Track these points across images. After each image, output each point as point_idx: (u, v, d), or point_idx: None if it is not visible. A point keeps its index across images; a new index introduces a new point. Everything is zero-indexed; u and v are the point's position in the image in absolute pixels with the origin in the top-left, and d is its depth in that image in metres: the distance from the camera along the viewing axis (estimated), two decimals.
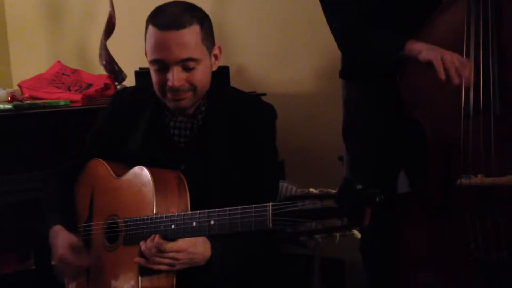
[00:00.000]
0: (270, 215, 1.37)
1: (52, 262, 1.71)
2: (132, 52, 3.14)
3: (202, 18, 1.66)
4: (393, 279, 2.02)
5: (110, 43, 2.85)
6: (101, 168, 1.78)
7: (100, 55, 2.86)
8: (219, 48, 1.73)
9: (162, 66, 1.62)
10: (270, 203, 1.38)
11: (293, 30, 2.99)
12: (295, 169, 2.79)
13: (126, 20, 3.07)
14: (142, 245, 1.55)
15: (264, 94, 2.75)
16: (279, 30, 3.02)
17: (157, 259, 1.53)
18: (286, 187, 2.02)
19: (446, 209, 1.89)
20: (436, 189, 1.91)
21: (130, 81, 2.83)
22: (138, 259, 1.55)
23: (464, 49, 1.84)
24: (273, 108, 1.77)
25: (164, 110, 1.74)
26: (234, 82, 2.74)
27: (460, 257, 1.87)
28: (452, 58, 1.77)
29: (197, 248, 1.55)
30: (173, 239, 1.54)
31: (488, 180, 1.79)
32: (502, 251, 1.82)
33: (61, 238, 1.67)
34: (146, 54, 1.70)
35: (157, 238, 1.53)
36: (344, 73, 2.22)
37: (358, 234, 1.29)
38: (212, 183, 1.68)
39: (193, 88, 1.64)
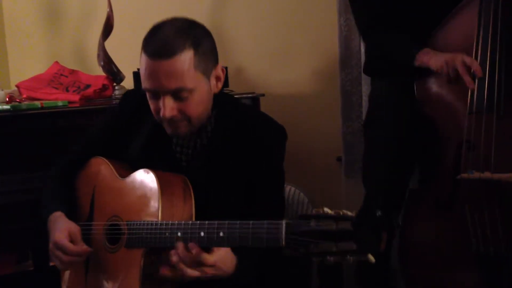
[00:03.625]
0: (283, 233, 1.34)
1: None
2: (130, 53, 3.12)
3: (197, 40, 1.55)
4: (401, 273, 2.05)
5: (108, 44, 2.85)
6: (104, 167, 1.75)
7: (98, 55, 2.85)
8: (222, 69, 1.64)
9: (154, 95, 1.58)
10: (284, 221, 1.35)
11: (292, 30, 2.99)
12: (293, 170, 2.78)
13: (124, 20, 3.06)
14: (180, 246, 1.47)
15: (263, 95, 2.75)
16: (278, 31, 3.02)
17: (192, 267, 1.47)
18: (285, 188, 2.01)
19: (453, 203, 1.93)
20: (445, 184, 1.95)
21: (128, 82, 2.82)
22: (174, 259, 1.47)
23: (474, 49, 1.88)
24: (284, 130, 1.73)
25: None
26: (233, 83, 2.75)
27: (463, 250, 1.90)
28: (454, 62, 1.84)
29: (225, 265, 1.51)
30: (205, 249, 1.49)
31: (487, 174, 1.83)
32: (501, 244, 1.84)
33: (60, 223, 1.65)
34: None
35: (196, 249, 1.46)
36: (367, 69, 2.27)
37: (372, 259, 1.26)
38: (212, 203, 1.64)
39: (187, 118, 1.59)
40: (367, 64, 2.26)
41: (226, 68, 2.71)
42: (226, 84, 2.65)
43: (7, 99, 2.47)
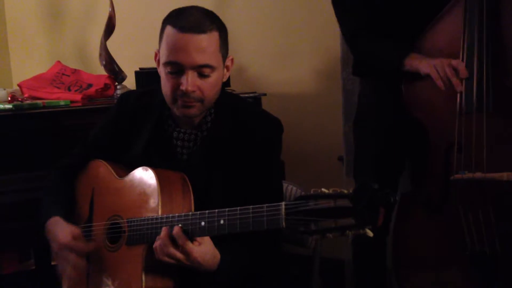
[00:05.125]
0: (283, 214, 1.36)
1: (52, 255, 1.68)
2: (132, 52, 3.15)
3: (221, 26, 1.63)
4: (395, 275, 2.05)
5: (110, 43, 2.85)
6: (102, 169, 1.77)
7: (100, 55, 2.86)
8: (232, 59, 1.71)
9: (177, 69, 1.59)
10: (283, 202, 1.38)
11: (293, 30, 2.99)
12: (295, 169, 2.79)
13: (126, 20, 3.07)
14: (164, 230, 1.51)
15: (264, 94, 2.75)
16: (279, 30, 3.02)
17: (171, 250, 1.50)
18: (286, 187, 2.02)
19: (445, 205, 1.94)
20: (436, 186, 1.96)
21: (130, 81, 2.83)
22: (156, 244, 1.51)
23: (461, 50, 1.90)
24: (280, 123, 1.75)
25: (167, 119, 1.73)
26: (234, 82, 2.75)
27: (457, 251, 1.91)
28: (443, 66, 1.86)
29: (205, 261, 1.52)
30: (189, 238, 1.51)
31: (479, 174, 1.84)
32: (496, 244, 1.86)
33: (61, 227, 1.66)
34: (156, 56, 1.67)
35: (178, 230, 1.49)
36: (355, 70, 2.27)
37: (370, 233, 1.29)
38: (213, 196, 1.66)
39: (202, 99, 1.62)
40: (355, 67, 2.26)
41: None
42: (228, 83, 2.65)
43: (9, 99, 2.47)
